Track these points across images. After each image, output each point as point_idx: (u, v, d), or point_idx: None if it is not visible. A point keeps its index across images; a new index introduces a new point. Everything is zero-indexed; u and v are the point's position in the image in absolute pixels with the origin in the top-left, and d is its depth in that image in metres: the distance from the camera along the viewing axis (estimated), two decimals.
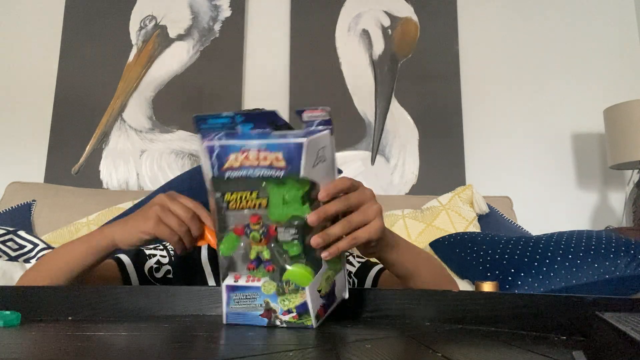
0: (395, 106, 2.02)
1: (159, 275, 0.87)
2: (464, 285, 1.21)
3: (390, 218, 1.53)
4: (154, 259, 0.88)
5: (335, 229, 0.51)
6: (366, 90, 2.03)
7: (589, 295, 0.44)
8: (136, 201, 1.53)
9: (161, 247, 0.91)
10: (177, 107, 1.98)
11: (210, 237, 0.68)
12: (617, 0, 2.19)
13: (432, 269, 0.74)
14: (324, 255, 0.50)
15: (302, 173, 0.46)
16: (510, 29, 2.14)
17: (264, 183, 0.47)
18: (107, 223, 1.41)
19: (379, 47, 2.07)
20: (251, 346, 0.40)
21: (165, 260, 0.88)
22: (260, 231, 0.48)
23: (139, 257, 0.87)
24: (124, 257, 0.86)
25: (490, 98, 2.09)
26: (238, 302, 0.50)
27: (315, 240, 0.49)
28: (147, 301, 0.59)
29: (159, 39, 2.03)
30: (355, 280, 0.86)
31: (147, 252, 0.89)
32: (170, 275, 0.87)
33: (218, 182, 0.48)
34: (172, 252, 0.90)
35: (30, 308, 0.58)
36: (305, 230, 0.48)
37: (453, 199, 1.58)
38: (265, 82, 2.04)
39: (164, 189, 1.50)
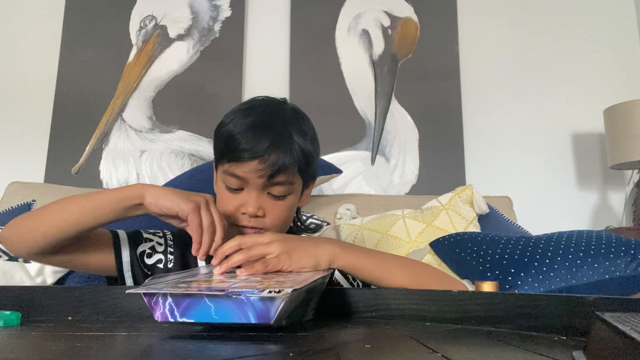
0: (395, 106, 2.02)
1: (150, 261, 0.84)
2: (464, 286, 1.20)
3: (390, 218, 1.53)
4: (150, 244, 0.85)
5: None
6: (366, 90, 2.03)
7: (589, 295, 0.44)
8: None
9: (160, 234, 0.88)
10: (177, 107, 1.98)
11: None
12: (617, 1, 2.19)
13: (411, 275, 0.73)
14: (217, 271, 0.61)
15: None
16: (510, 29, 2.14)
17: None
18: None
19: (379, 47, 2.07)
20: (251, 346, 0.40)
21: (161, 248, 0.86)
22: None
23: (136, 236, 0.85)
24: (121, 232, 0.84)
25: (490, 98, 2.09)
26: None
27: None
28: None
29: (159, 39, 2.03)
30: (360, 283, 0.84)
31: (145, 235, 0.86)
32: (161, 265, 0.84)
33: None
34: (170, 243, 0.87)
35: (30, 308, 0.58)
36: None
37: (453, 199, 1.58)
38: (265, 82, 2.04)
39: None
